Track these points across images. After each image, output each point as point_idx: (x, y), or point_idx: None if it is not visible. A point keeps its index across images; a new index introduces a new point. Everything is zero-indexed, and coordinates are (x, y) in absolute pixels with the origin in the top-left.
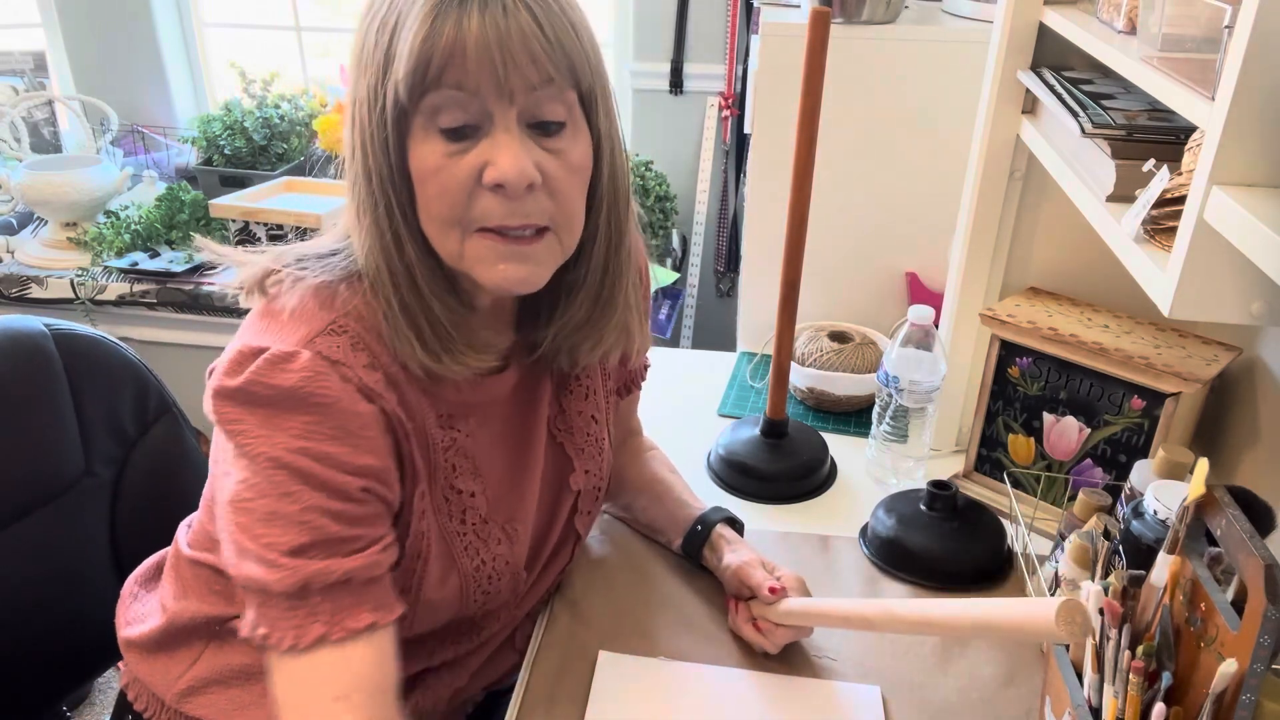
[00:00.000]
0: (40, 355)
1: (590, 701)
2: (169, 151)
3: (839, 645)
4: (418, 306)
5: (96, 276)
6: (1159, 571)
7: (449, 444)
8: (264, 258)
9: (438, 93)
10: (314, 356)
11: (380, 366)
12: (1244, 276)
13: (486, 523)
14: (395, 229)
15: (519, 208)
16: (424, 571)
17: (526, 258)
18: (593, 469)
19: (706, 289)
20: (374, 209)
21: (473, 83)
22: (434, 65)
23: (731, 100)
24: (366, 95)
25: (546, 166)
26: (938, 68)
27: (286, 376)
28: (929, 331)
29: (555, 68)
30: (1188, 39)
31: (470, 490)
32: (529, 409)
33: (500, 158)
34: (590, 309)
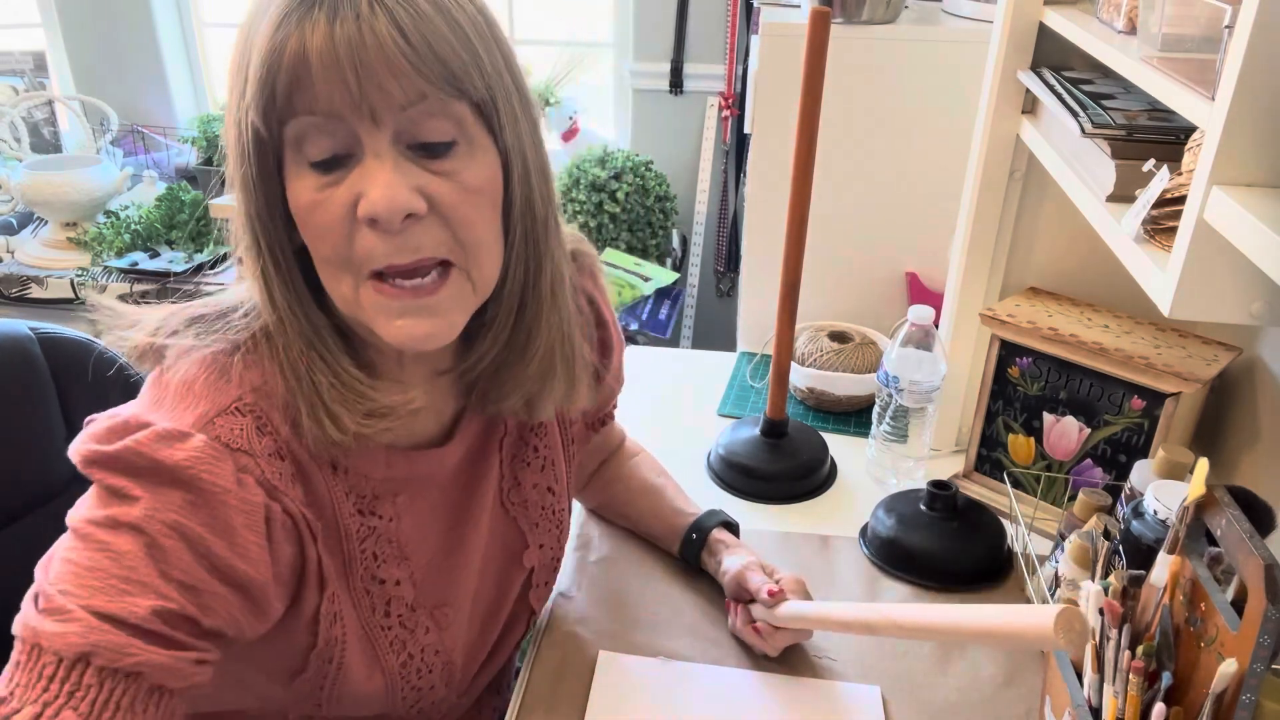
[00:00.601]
0: (26, 359)
1: (590, 701)
2: (169, 151)
3: (839, 645)
4: (304, 370)
5: (96, 276)
6: (1159, 571)
7: (367, 533)
8: (151, 319)
9: (295, 120)
10: (209, 442)
11: (287, 454)
12: (1244, 276)
13: (414, 611)
14: (266, 273)
15: (404, 243)
16: (340, 676)
17: (428, 310)
18: (548, 543)
19: (706, 289)
20: (250, 251)
21: (325, 105)
22: (280, 88)
23: (731, 100)
24: (233, 119)
25: (434, 191)
26: (938, 68)
27: (172, 454)
28: (929, 331)
29: (428, 80)
30: (1188, 39)
31: (395, 579)
32: (473, 482)
33: (371, 187)
34: (501, 353)
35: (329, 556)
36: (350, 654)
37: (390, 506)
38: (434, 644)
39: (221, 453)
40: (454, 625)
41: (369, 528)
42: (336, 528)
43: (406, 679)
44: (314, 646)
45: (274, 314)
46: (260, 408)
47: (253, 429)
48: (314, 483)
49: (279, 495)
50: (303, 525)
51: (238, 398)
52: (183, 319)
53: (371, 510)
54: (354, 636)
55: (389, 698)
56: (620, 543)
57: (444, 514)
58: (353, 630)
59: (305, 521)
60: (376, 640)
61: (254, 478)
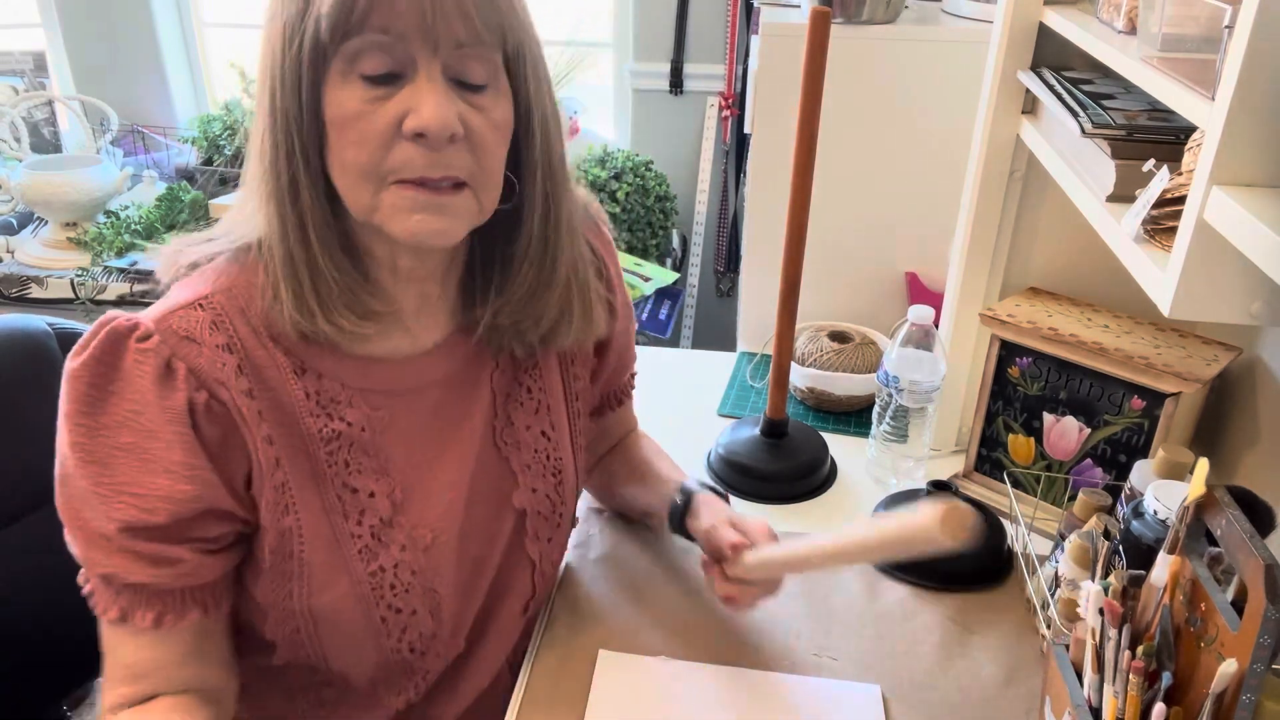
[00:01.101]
0: (43, 354)
1: (590, 701)
2: (169, 151)
3: (839, 645)
4: (303, 259)
5: (96, 276)
6: (1159, 571)
7: (331, 435)
8: (169, 246)
9: (361, 36)
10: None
11: (239, 349)
12: (1244, 276)
13: (389, 526)
14: (294, 174)
15: (440, 159)
16: (302, 572)
17: (444, 209)
18: (541, 488)
19: (706, 289)
20: (275, 153)
21: (399, 27)
22: (360, 5)
23: (731, 100)
24: (282, 31)
25: (470, 120)
26: (938, 68)
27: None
28: (929, 331)
29: (485, 25)
30: (1188, 39)
31: (369, 490)
32: (459, 410)
33: (423, 106)
34: (534, 280)
35: (285, 451)
36: (310, 552)
37: (360, 415)
38: (410, 563)
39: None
40: (436, 552)
41: (333, 431)
42: (297, 426)
43: (379, 594)
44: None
45: (295, 211)
46: (221, 306)
47: (206, 323)
48: (268, 379)
49: (211, 384)
50: (235, 412)
51: (204, 296)
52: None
53: (337, 415)
54: (314, 535)
55: (367, 616)
56: (620, 542)
57: (428, 438)
58: (312, 527)
59: (237, 409)
60: (343, 544)
61: (186, 365)
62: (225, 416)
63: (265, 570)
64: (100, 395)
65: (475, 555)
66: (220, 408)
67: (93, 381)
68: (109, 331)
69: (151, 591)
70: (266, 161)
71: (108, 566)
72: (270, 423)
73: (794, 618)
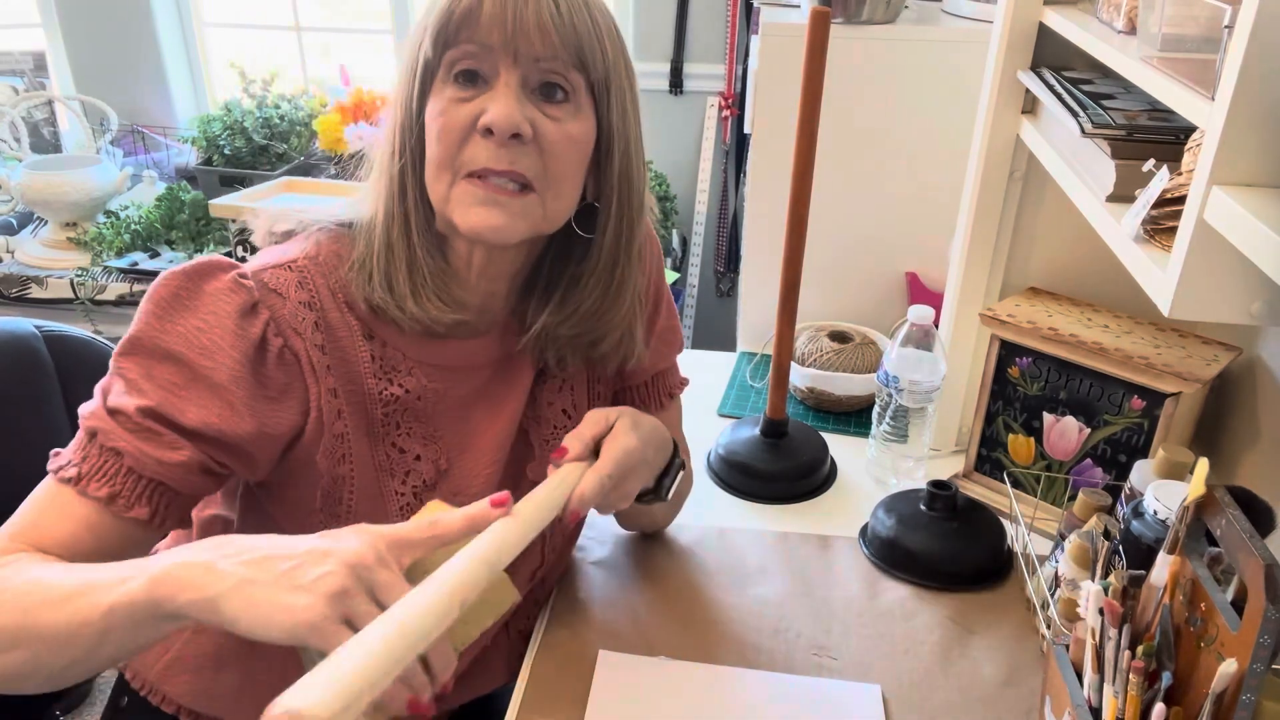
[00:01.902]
0: (31, 357)
1: (590, 701)
2: (169, 151)
3: (839, 645)
4: (403, 249)
5: (96, 276)
6: (1159, 571)
7: (390, 399)
8: (269, 211)
9: (456, 48)
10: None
11: (318, 308)
12: (1244, 276)
13: (430, 489)
14: (403, 173)
15: (504, 154)
16: (349, 520)
17: (502, 206)
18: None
19: (706, 289)
20: (390, 156)
21: (483, 38)
22: (454, 22)
23: (731, 100)
24: (410, 54)
25: (540, 125)
26: (938, 68)
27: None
28: (929, 331)
29: (561, 42)
30: (1188, 39)
31: (415, 453)
32: (506, 389)
33: (494, 104)
34: (600, 298)
35: (348, 405)
36: (358, 502)
37: (416, 384)
38: None
39: (245, 289)
40: None
41: (391, 395)
42: (360, 384)
43: None
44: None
45: (401, 205)
46: (308, 271)
47: (294, 281)
48: (339, 338)
49: (288, 333)
50: (305, 361)
51: (293, 259)
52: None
53: (396, 381)
54: (364, 486)
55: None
56: (620, 543)
57: (476, 414)
58: (363, 479)
59: (309, 360)
60: (387, 498)
61: (270, 313)
62: (294, 365)
63: (316, 511)
64: (176, 304)
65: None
66: (291, 356)
67: (176, 291)
68: (209, 261)
69: (123, 466)
70: (384, 162)
71: (104, 425)
72: (337, 377)
73: (794, 618)
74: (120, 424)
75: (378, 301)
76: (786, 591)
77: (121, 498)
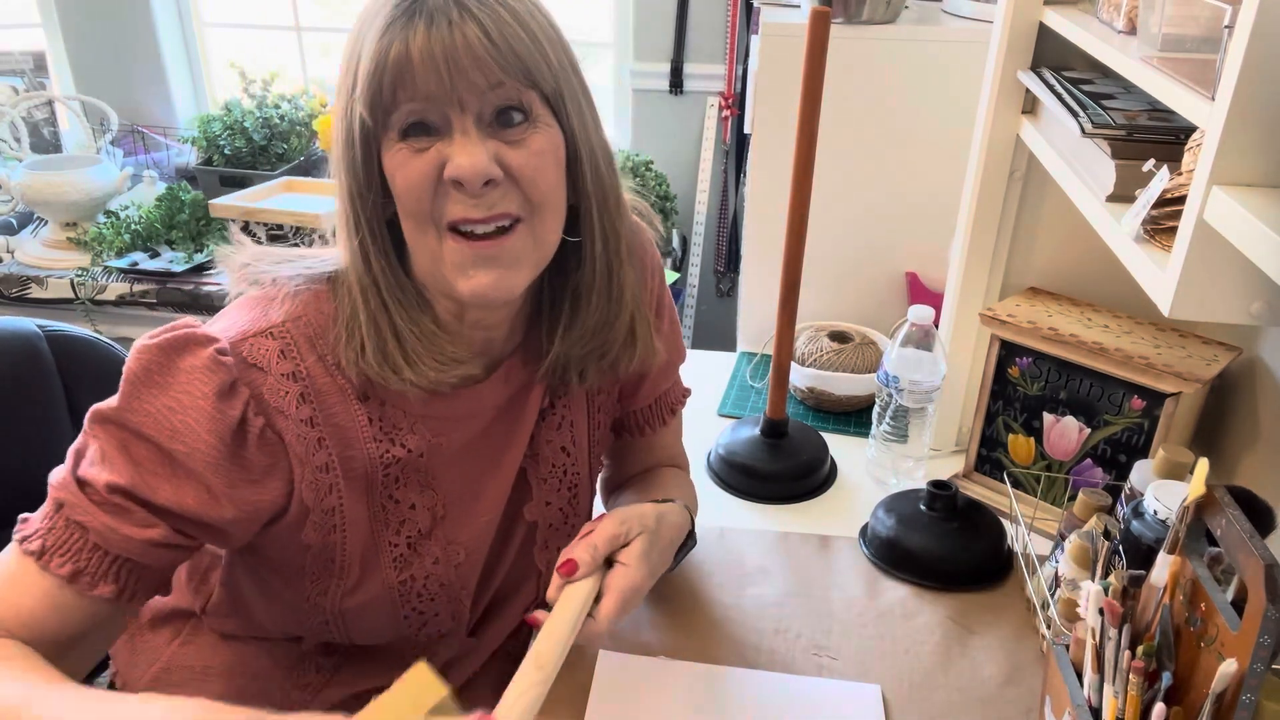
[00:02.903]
0: (34, 356)
1: (590, 701)
2: (169, 151)
3: (839, 645)
4: (384, 318)
5: (96, 276)
6: (1159, 571)
7: (391, 460)
8: (241, 257)
9: (397, 111)
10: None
11: (304, 377)
12: (1244, 276)
13: (426, 539)
14: (364, 241)
15: (484, 201)
16: (340, 575)
17: (495, 260)
18: (556, 502)
19: (706, 289)
20: (346, 222)
21: (422, 94)
22: (385, 85)
23: (731, 100)
24: (342, 113)
25: (508, 159)
26: (938, 68)
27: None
28: (929, 331)
29: (506, 72)
30: (1188, 39)
31: (411, 503)
32: (509, 431)
33: (457, 155)
34: (604, 307)
35: (344, 475)
36: (351, 559)
37: (421, 441)
38: (440, 576)
39: (224, 367)
40: (466, 567)
41: (393, 457)
42: (359, 449)
43: (406, 599)
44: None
45: (369, 278)
46: (290, 335)
47: (275, 351)
48: (330, 405)
49: (270, 412)
50: (289, 441)
51: (275, 324)
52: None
53: (399, 441)
54: (356, 543)
55: (393, 614)
56: None
57: (477, 460)
58: (356, 537)
59: (294, 438)
60: (381, 551)
61: (250, 391)
62: (278, 445)
63: (305, 571)
64: (148, 381)
65: (490, 565)
66: (274, 436)
67: (148, 366)
68: (187, 334)
69: (87, 543)
70: (344, 232)
71: (70, 497)
72: (331, 448)
73: (794, 618)
74: (88, 496)
75: (374, 376)
76: (786, 591)
77: (86, 575)
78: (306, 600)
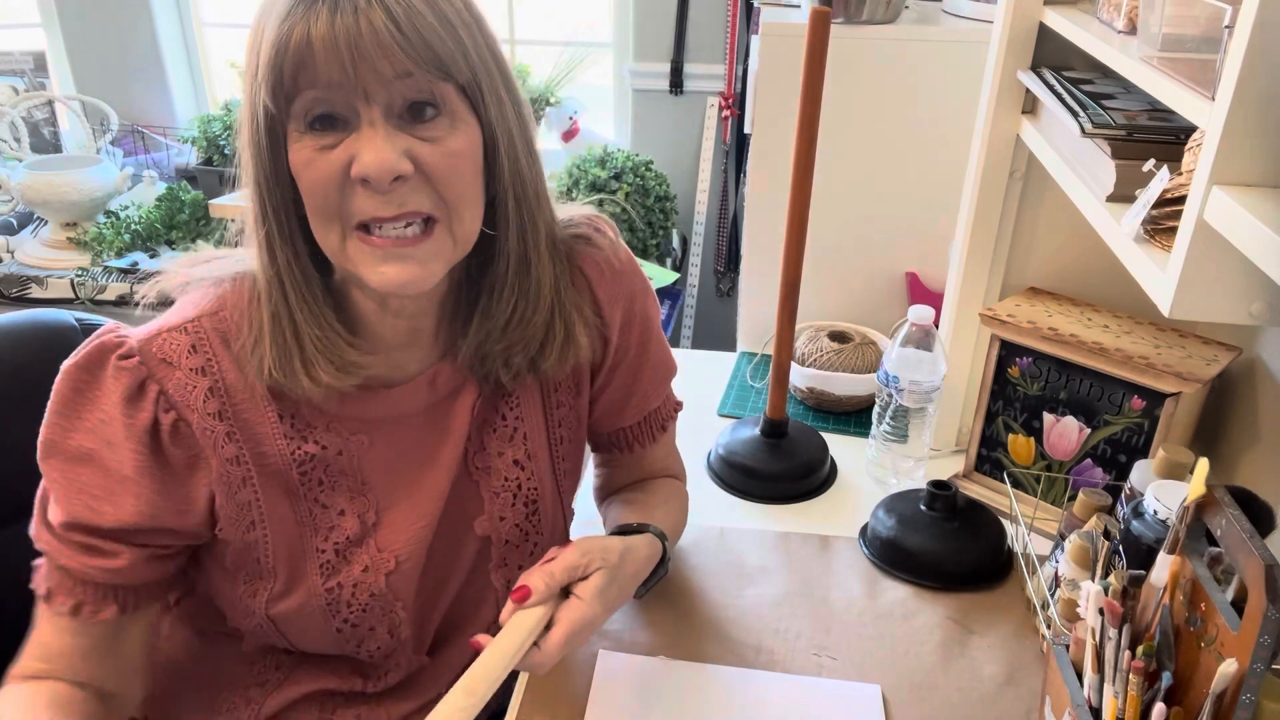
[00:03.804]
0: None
1: (590, 701)
2: (169, 151)
3: (839, 645)
4: (286, 316)
5: (96, 276)
6: (1159, 571)
7: (304, 458)
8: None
9: (300, 98)
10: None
11: (214, 372)
12: (1244, 276)
13: (356, 545)
14: (269, 235)
15: (392, 198)
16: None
17: (408, 257)
18: (511, 518)
19: (706, 289)
20: (254, 214)
21: (324, 81)
22: (286, 71)
23: (731, 100)
24: (247, 100)
25: (420, 154)
26: (938, 68)
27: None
28: (929, 331)
29: (414, 61)
30: (1188, 39)
31: (339, 508)
32: (439, 438)
33: (364, 151)
34: (519, 301)
35: (257, 469)
36: (277, 563)
37: (336, 439)
38: (370, 585)
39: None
40: (398, 577)
41: (306, 453)
42: (268, 446)
43: (335, 609)
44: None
45: (273, 270)
46: (204, 330)
47: (186, 346)
48: (239, 401)
49: (180, 406)
50: (202, 433)
51: (190, 319)
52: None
53: (311, 438)
54: (281, 546)
55: (325, 624)
56: None
57: (408, 465)
58: (279, 540)
59: (203, 431)
60: (307, 557)
61: (159, 388)
62: (191, 438)
63: (229, 573)
64: (78, 400)
65: (436, 578)
66: (187, 429)
67: (75, 386)
68: (99, 345)
69: (76, 579)
70: (251, 224)
71: (48, 545)
72: (241, 442)
73: (794, 618)
74: (58, 539)
75: (276, 384)
76: (786, 591)
77: (87, 605)
78: (240, 602)
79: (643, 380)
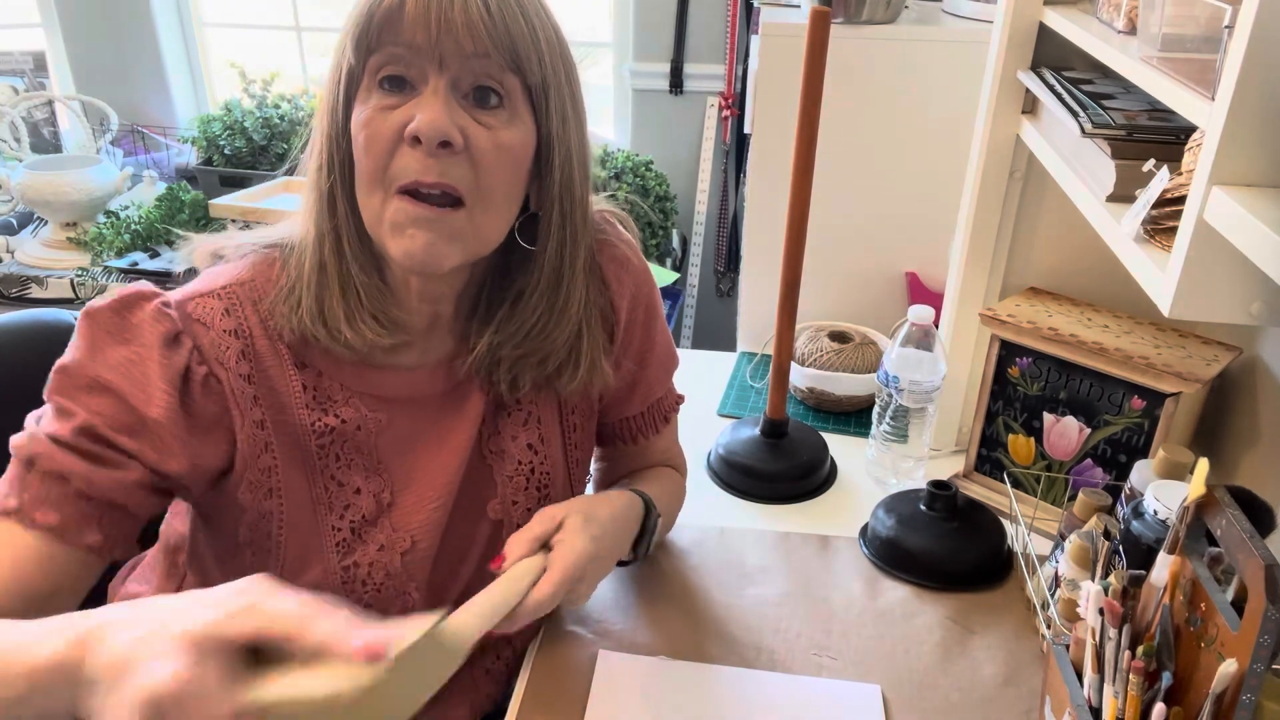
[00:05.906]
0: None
1: (590, 701)
2: (169, 151)
3: (839, 645)
4: (335, 268)
5: (96, 276)
6: (1159, 571)
7: (324, 430)
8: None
9: (380, 53)
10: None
11: (245, 335)
12: (1244, 276)
13: (372, 525)
14: (332, 187)
15: (435, 165)
16: (278, 555)
17: (433, 225)
18: (524, 502)
19: (706, 289)
20: (318, 169)
21: (407, 41)
22: (374, 24)
23: (731, 100)
24: (333, 64)
25: (472, 134)
26: (938, 68)
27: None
28: (929, 331)
29: (493, 43)
30: (1188, 39)
31: (355, 486)
32: (454, 422)
33: (422, 111)
34: (545, 314)
35: (277, 437)
36: (288, 537)
37: (355, 414)
38: (385, 564)
39: (169, 318)
40: (412, 558)
41: (326, 425)
42: (290, 414)
43: (350, 587)
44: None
45: (331, 223)
46: (235, 295)
47: (220, 309)
48: (267, 367)
49: (212, 362)
50: (228, 391)
51: (221, 285)
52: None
53: (331, 411)
54: (295, 521)
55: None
56: None
57: (423, 447)
58: (295, 513)
59: (232, 389)
60: (322, 534)
61: (193, 342)
62: (220, 394)
63: (242, 546)
64: (105, 339)
65: (449, 560)
66: (217, 385)
67: (105, 327)
68: (134, 292)
69: (70, 491)
70: (314, 177)
71: (38, 448)
72: (265, 408)
73: (794, 617)
74: (61, 447)
75: (307, 332)
76: (786, 591)
77: (72, 524)
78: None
79: (649, 369)
